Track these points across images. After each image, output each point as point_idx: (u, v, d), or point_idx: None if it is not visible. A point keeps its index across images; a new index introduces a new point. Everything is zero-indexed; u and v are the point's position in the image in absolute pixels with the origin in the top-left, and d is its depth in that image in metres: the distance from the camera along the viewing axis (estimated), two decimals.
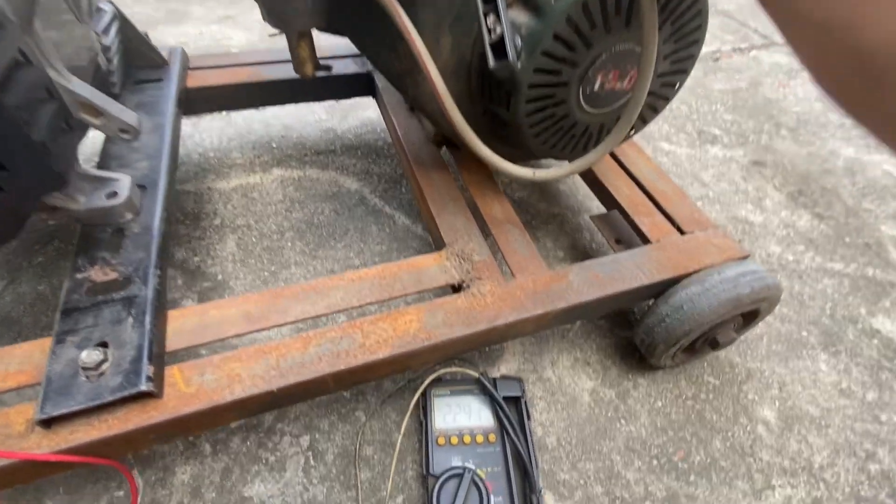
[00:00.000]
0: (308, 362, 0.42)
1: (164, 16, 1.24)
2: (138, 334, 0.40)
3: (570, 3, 0.39)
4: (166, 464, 0.50)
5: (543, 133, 0.50)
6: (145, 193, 0.51)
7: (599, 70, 0.45)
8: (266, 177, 0.82)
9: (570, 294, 0.50)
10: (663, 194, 0.63)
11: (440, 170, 0.65)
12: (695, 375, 0.63)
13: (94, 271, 0.43)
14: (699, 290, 0.51)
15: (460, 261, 0.53)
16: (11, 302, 0.62)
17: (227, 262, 0.68)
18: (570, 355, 0.63)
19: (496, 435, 0.51)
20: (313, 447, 0.53)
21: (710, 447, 0.56)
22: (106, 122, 0.42)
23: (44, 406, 0.35)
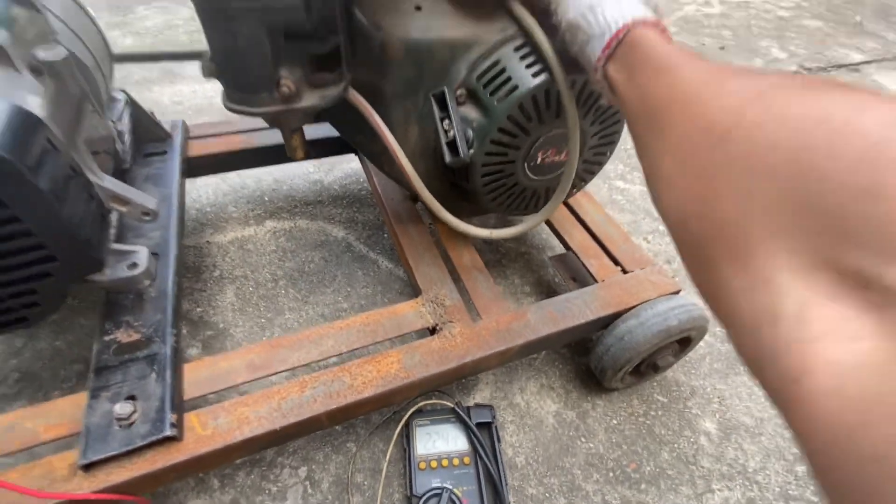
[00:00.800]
0: (305, 403, 0.50)
1: (159, 75, 1.33)
2: (161, 387, 0.47)
3: (510, 104, 0.49)
4: (180, 499, 0.57)
5: (498, 198, 0.60)
6: (159, 260, 0.59)
7: (539, 149, 0.55)
8: (260, 229, 0.90)
9: (528, 331, 0.59)
10: (609, 238, 0.73)
11: (416, 223, 0.74)
12: (645, 395, 0.72)
13: (119, 333, 0.51)
14: (636, 323, 0.60)
15: (434, 306, 0.62)
16: (31, 357, 0.68)
17: (227, 311, 0.76)
18: (536, 382, 0.72)
19: (470, 458, 0.59)
20: (310, 477, 0.60)
21: (658, 458, 0.65)
22: (131, 208, 0.50)
23: (86, 453, 0.43)
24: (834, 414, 0.15)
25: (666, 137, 0.28)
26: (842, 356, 0.15)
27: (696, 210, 0.23)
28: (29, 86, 0.41)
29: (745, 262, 0.20)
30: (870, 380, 0.15)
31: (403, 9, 0.49)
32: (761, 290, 0.19)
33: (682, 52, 0.33)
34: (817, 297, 0.17)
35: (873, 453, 0.14)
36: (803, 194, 0.18)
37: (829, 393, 0.15)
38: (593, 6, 0.41)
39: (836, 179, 0.17)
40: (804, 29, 2.26)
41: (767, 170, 0.19)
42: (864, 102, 0.18)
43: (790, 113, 0.19)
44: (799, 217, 0.18)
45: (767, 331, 0.18)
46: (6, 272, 0.40)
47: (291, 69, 0.43)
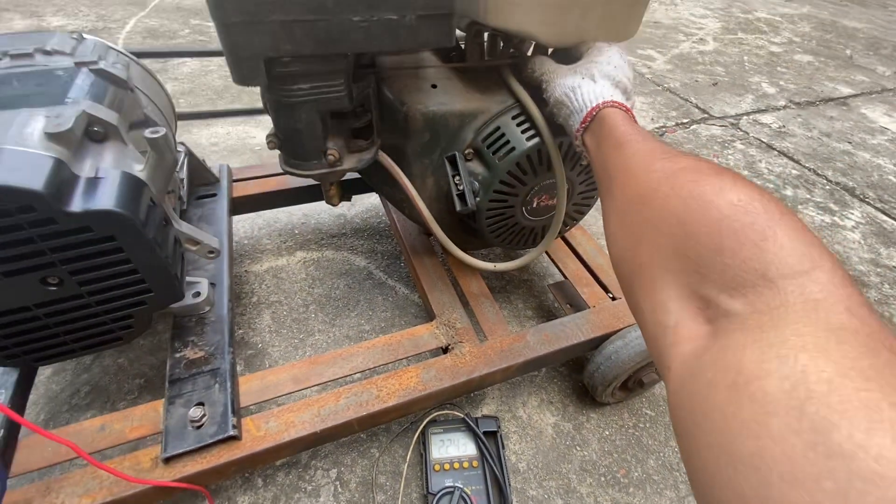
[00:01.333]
0: (340, 410, 0.60)
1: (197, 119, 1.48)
2: (224, 396, 0.57)
3: (509, 162, 0.61)
4: (230, 495, 0.66)
5: (501, 235, 0.70)
6: (215, 289, 0.70)
7: (535, 195, 0.66)
8: (291, 259, 1.02)
9: (528, 351, 0.68)
10: (600, 268, 0.83)
11: (430, 255, 0.85)
12: (635, 409, 0.80)
13: (187, 351, 0.62)
14: (622, 344, 0.69)
15: (447, 328, 0.72)
16: (99, 373, 0.79)
17: (264, 332, 0.87)
18: (537, 397, 0.81)
19: (478, 462, 0.68)
20: (340, 478, 0.69)
21: (645, 465, 0.73)
22: (200, 248, 0.62)
23: (166, 448, 0.53)
24: (674, 387, 0.25)
25: (613, 199, 0.39)
26: (686, 351, 0.25)
27: (626, 255, 0.34)
28: (134, 155, 0.53)
29: (651, 291, 0.30)
30: (690, 364, 0.25)
31: (423, 87, 0.61)
32: (659, 310, 0.29)
33: (634, 133, 0.43)
34: (686, 315, 0.27)
35: (687, 408, 0.23)
36: (685, 248, 0.28)
37: (675, 375, 0.25)
38: (574, 87, 0.52)
39: (701, 239, 0.27)
40: (795, 64, 2.38)
41: (667, 230, 0.30)
42: (725, 185, 0.28)
43: (683, 191, 0.30)
44: (682, 262, 0.28)
45: (660, 337, 0.28)
46: (114, 301, 0.52)
47: (336, 141, 0.55)
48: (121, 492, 0.51)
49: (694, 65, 2.25)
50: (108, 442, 0.55)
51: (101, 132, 0.50)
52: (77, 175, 0.45)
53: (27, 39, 0.62)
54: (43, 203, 0.41)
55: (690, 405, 0.23)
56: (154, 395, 0.76)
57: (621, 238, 0.36)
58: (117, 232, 0.46)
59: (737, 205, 0.27)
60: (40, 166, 0.42)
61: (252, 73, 0.45)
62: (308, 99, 0.49)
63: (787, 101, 1.99)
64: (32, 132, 0.45)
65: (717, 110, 1.83)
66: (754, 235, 0.25)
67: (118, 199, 0.46)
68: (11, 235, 0.42)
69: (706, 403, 0.22)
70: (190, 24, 2.21)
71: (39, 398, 0.75)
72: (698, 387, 0.23)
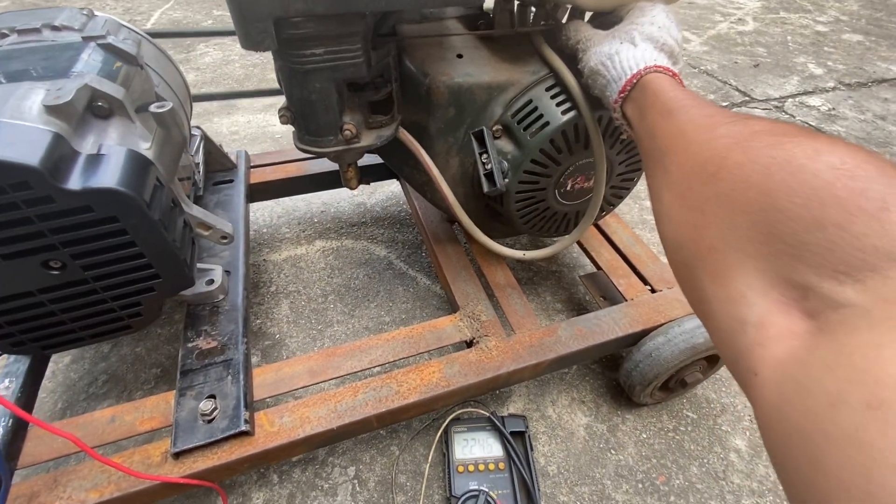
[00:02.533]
0: (358, 406, 0.56)
1: (218, 108, 1.47)
2: (236, 388, 0.54)
3: (542, 138, 0.55)
4: (244, 490, 0.64)
5: (530, 221, 0.65)
6: (230, 277, 0.67)
7: (569, 177, 0.60)
8: (310, 248, 0.98)
9: (559, 346, 0.63)
10: (638, 258, 0.77)
11: (453, 243, 0.80)
12: (675, 410, 0.74)
13: (200, 341, 0.59)
14: (663, 341, 0.63)
15: (471, 321, 0.67)
16: (116, 361, 0.78)
17: (282, 323, 0.84)
18: (567, 395, 0.75)
19: (505, 463, 0.63)
20: (358, 476, 0.65)
21: (688, 472, 0.67)
22: (213, 233, 0.59)
23: (176, 443, 0.50)
24: (771, 397, 0.20)
25: (667, 173, 0.33)
26: (782, 354, 0.20)
27: (688, 236, 0.28)
28: (141, 133, 0.50)
29: (724, 279, 0.24)
30: (793, 369, 0.19)
31: (447, 57, 0.56)
32: (735, 303, 0.23)
33: (686, 97, 0.37)
34: (774, 308, 0.21)
35: (791, 424, 0.18)
36: (769, 225, 0.22)
37: (770, 383, 0.20)
38: (612, 54, 0.47)
39: (793, 213, 0.21)
40: (843, 43, 2.22)
41: (744, 205, 0.24)
42: (820, 147, 0.22)
43: (762, 157, 0.24)
44: (766, 244, 0.22)
45: (738, 336, 0.23)
46: (120, 287, 0.49)
47: (353, 115, 0.50)
48: (129, 487, 0.48)
49: (733, 46, 2.12)
50: (118, 434, 0.53)
51: (106, 107, 0.47)
52: (77, 151, 0.42)
53: (36, 15, 0.60)
54: (39, 180, 0.38)
55: (803, 424, 0.18)
56: (170, 386, 0.74)
57: (680, 218, 0.30)
58: (120, 212, 0.43)
59: (840, 168, 0.21)
60: (37, 140, 0.39)
61: (261, 37, 0.41)
62: (322, 66, 0.44)
63: (837, 82, 1.85)
64: (31, 105, 0.42)
65: (760, 93, 1.72)
66: (869, 205, 0.20)
67: (121, 177, 0.43)
68: (7, 215, 0.39)
69: (830, 425, 0.16)
70: (213, 14, 2.21)
71: (58, 386, 0.74)
72: (814, 402, 0.17)
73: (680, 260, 0.30)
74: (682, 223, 0.30)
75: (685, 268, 0.29)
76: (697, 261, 0.27)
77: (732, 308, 0.24)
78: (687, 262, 0.29)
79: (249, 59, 1.78)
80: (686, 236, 0.29)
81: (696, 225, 0.28)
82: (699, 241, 0.27)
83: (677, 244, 0.30)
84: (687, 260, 0.29)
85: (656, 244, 1.03)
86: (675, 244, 0.31)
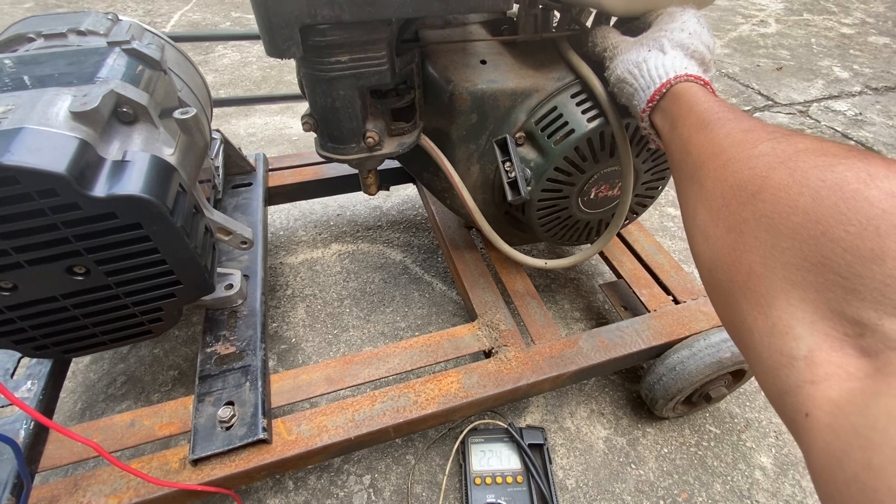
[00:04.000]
0: (375, 416, 0.55)
1: (236, 110, 1.48)
2: (254, 395, 0.54)
3: (567, 146, 0.54)
4: (260, 497, 0.63)
5: (552, 229, 0.64)
6: (249, 281, 0.67)
7: (593, 185, 0.59)
8: (326, 251, 0.98)
9: (580, 358, 0.62)
10: (661, 267, 0.75)
11: (471, 250, 0.79)
12: (697, 425, 0.72)
13: (218, 346, 0.59)
14: (688, 354, 0.61)
15: (489, 330, 0.66)
16: (135, 363, 0.78)
17: (298, 326, 0.84)
18: (586, 407, 0.74)
19: (523, 477, 0.62)
20: (374, 485, 0.65)
21: (711, 490, 0.65)
22: (233, 238, 0.58)
23: (194, 450, 0.50)
24: (827, 444, 0.18)
25: (702, 189, 0.31)
26: (837, 395, 0.19)
27: (725, 258, 0.27)
28: (164, 139, 0.50)
29: (766, 309, 0.23)
30: (853, 415, 0.18)
31: (471, 63, 0.55)
32: (779, 334, 0.22)
33: (722, 109, 0.36)
34: (825, 343, 0.20)
35: (851, 477, 0.17)
36: (819, 253, 0.21)
37: (825, 427, 0.19)
38: (639, 62, 0.45)
39: (847, 242, 0.20)
40: (869, 46, 2.16)
41: (789, 230, 0.22)
42: (875, 171, 0.21)
43: (810, 179, 0.23)
44: (814, 273, 0.21)
45: (784, 371, 0.21)
46: (142, 293, 0.49)
47: (375, 122, 0.50)
48: (148, 493, 0.48)
49: (755, 48, 2.08)
50: (138, 439, 0.53)
51: (131, 113, 0.47)
52: (103, 158, 0.42)
53: (62, 20, 0.60)
54: (66, 187, 0.38)
55: (866, 480, 0.16)
56: (187, 388, 0.74)
57: (716, 238, 0.28)
58: (144, 219, 0.43)
59: None
60: (64, 147, 0.39)
61: (287, 44, 0.40)
62: (347, 73, 0.44)
63: (863, 86, 1.80)
64: (58, 112, 0.42)
65: (783, 97, 1.68)
66: None
67: (145, 184, 0.43)
68: (34, 221, 0.39)
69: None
70: (231, 16, 2.23)
71: (77, 387, 0.74)
72: (880, 458, 0.16)
73: (715, 282, 0.29)
74: (718, 244, 0.28)
75: (721, 291, 0.28)
76: (735, 285, 0.26)
77: (777, 339, 0.22)
78: (723, 284, 0.27)
79: (267, 61, 1.80)
80: (723, 258, 0.27)
81: (734, 247, 0.26)
82: (737, 265, 0.26)
83: (713, 265, 0.29)
84: (723, 283, 0.27)
85: (678, 252, 1.01)
86: (710, 265, 0.29)
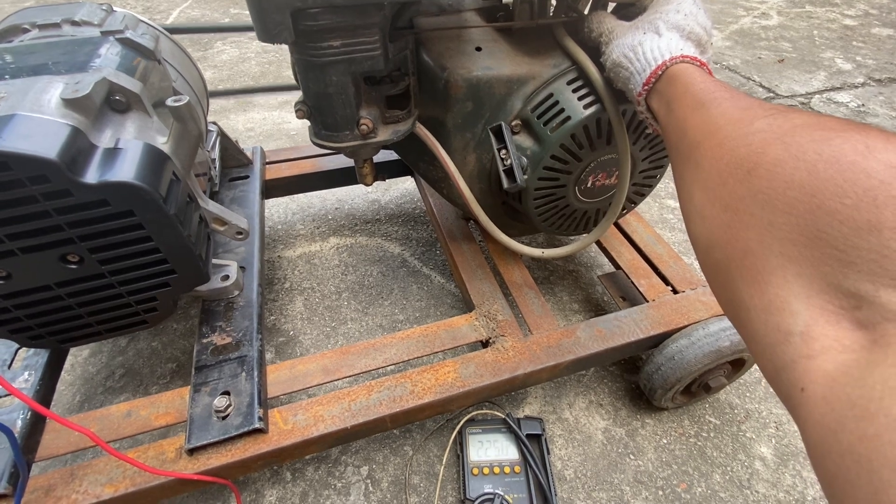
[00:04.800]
0: (372, 405, 0.55)
1: (235, 105, 1.48)
2: (250, 385, 0.54)
3: (563, 133, 0.53)
4: (257, 487, 0.63)
5: (549, 219, 0.63)
6: (245, 273, 0.67)
7: (590, 174, 0.58)
8: (324, 245, 0.98)
9: (578, 348, 0.61)
10: (660, 258, 0.75)
11: (468, 241, 0.79)
12: (697, 415, 0.72)
13: (215, 337, 0.59)
14: (687, 343, 0.61)
15: (487, 320, 0.66)
16: (133, 356, 0.78)
17: (296, 319, 0.84)
18: (585, 398, 0.74)
19: (521, 467, 0.62)
20: (371, 476, 0.65)
21: (710, 480, 0.65)
22: (228, 228, 0.58)
23: (190, 439, 0.50)
24: (822, 416, 0.18)
25: (699, 169, 0.31)
26: (833, 368, 0.18)
27: (721, 237, 0.26)
28: (158, 127, 0.50)
29: (762, 285, 0.23)
30: (848, 386, 0.17)
31: (466, 50, 0.55)
32: (776, 311, 0.21)
33: (718, 88, 0.35)
34: (821, 318, 0.20)
35: (847, 448, 0.16)
36: (815, 227, 0.20)
37: (820, 399, 0.18)
38: (634, 46, 0.45)
39: (843, 214, 0.19)
40: (873, 38, 2.14)
41: (785, 205, 0.22)
42: (873, 143, 0.20)
43: (806, 153, 0.22)
44: (810, 247, 0.20)
45: (780, 347, 0.21)
46: (136, 282, 0.49)
47: (369, 110, 0.49)
48: (144, 482, 0.48)
49: (756, 41, 2.06)
50: (134, 429, 0.53)
51: (124, 101, 0.47)
52: (95, 145, 0.42)
53: (57, 11, 0.60)
54: (57, 173, 0.38)
55: (862, 451, 0.16)
56: (185, 380, 0.74)
57: (713, 217, 0.28)
58: (136, 206, 0.43)
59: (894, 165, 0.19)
60: (55, 134, 0.39)
61: (278, 28, 0.40)
62: (339, 58, 0.43)
63: (866, 77, 1.78)
64: (50, 99, 0.41)
65: (785, 88, 1.66)
66: None
67: (138, 171, 0.42)
68: (25, 208, 0.39)
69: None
70: (230, 13, 2.22)
71: (76, 379, 0.74)
72: (876, 427, 0.16)
73: (712, 262, 0.28)
74: (714, 223, 0.28)
75: (718, 271, 0.27)
76: (732, 263, 0.26)
77: (773, 316, 0.22)
78: (720, 264, 0.27)
79: (265, 57, 1.79)
80: (719, 237, 0.27)
81: (730, 225, 0.26)
82: (733, 243, 0.25)
83: (709, 245, 0.28)
84: (720, 262, 0.27)
85: (677, 244, 1.01)
86: (706, 245, 0.29)
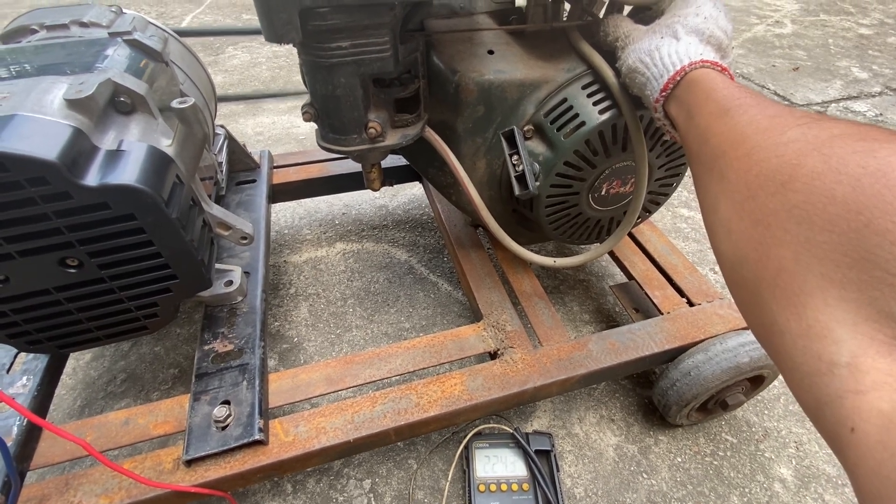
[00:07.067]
0: (376, 418, 0.53)
1: (244, 109, 1.48)
2: (251, 394, 0.52)
3: (577, 139, 0.52)
4: (257, 500, 0.62)
5: (561, 227, 0.61)
6: (249, 278, 0.66)
7: (604, 181, 0.57)
8: (331, 250, 0.97)
9: (590, 361, 0.59)
10: (674, 268, 0.72)
11: (477, 249, 0.77)
12: (713, 433, 0.69)
13: (216, 343, 0.57)
14: (704, 359, 0.59)
15: (495, 331, 0.64)
16: (136, 360, 0.77)
17: (301, 326, 0.82)
18: (596, 413, 0.71)
19: (529, 484, 0.60)
20: (374, 490, 0.63)
21: (727, 502, 0.62)
22: (233, 233, 0.57)
23: (188, 450, 0.48)
24: (879, 465, 0.16)
25: (724, 180, 0.29)
26: (889, 407, 0.16)
27: (751, 254, 0.24)
28: (162, 129, 0.49)
29: (800, 309, 0.21)
30: None
31: (478, 53, 0.54)
32: (816, 337, 0.19)
33: (743, 94, 0.33)
34: (870, 348, 0.18)
35: None
36: (861, 248, 0.18)
37: (876, 444, 0.16)
38: (651, 50, 0.43)
39: (893, 235, 0.17)
40: (889, 47, 2.10)
41: (825, 221, 0.20)
42: None
43: (848, 165, 0.20)
44: (856, 269, 0.18)
45: (823, 378, 0.19)
46: (136, 287, 0.47)
47: (378, 113, 0.48)
48: (140, 494, 0.47)
49: (770, 49, 2.03)
50: (132, 438, 0.51)
51: (128, 103, 0.46)
52: (97, 147, 0.41)
53: (65, 12, 0.60)
54: (56, 175, 0.37)
55: None
56: (187, 387, 0.73)
57: (741, 231, 0.26)
58: (138, 210, 0.41)
59: None
60: (56, 135, 0.38)
61: (286, 28, 0.39)
62: (348, 59, 0.42)
63: (884, 86, 1.75)
64: (53, 99, 0.41)
65: (800, 97, 1.64)
66: None
67: (140, 174, 0.41)
68: (24, 211, 0.38)
69: None
70: (242, 18, 2.24)
71: (77, 383, 0.73)
72: None
73: (740, 279, 0.26)
74: (743, 238, 0.26)
75: (747, 290, 0.25)
76: (763, 282, 0.23)
77: (814, 343, 0.20)
78: (749, 282, 0.25)
79: (276, 62, 1.80)
80: (748, 254, 0.25)
81: (761, 241, 0.24)
82: (765, 261, 0.23)
83: (737, 261, 0.26)
84: (749, 280, 0.25)
85: (692, 254, 0.98)
86: (734, 261, 0.27)
